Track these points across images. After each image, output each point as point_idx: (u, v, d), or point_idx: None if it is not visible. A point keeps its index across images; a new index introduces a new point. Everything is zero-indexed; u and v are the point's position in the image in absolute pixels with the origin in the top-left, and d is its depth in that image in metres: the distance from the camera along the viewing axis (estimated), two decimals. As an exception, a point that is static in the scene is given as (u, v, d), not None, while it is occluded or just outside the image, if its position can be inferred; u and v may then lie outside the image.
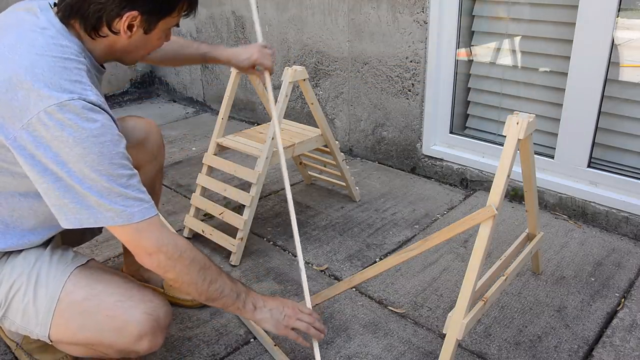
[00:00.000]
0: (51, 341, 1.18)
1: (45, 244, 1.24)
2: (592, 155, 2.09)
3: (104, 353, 1.20)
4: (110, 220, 1.04)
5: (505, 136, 1.19)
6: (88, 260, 1.24)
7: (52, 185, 1.01)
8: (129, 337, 1.15)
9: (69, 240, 1.37)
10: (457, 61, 2.37)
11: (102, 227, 1.54)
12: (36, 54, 1.02)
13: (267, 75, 1.71)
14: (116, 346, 1.17)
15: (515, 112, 1.22)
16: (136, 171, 1.09)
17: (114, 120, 1.09)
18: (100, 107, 1.04)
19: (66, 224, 1.04)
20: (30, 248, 1.21)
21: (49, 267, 1.19)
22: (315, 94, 2.83)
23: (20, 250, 1.20)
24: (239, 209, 2.06)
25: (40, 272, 1.18)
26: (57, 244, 1.28)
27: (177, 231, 2.08)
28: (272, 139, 1.85)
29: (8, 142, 1.01)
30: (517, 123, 1.18)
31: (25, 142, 1.00)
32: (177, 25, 1.21)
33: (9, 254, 1.19)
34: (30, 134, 0.99)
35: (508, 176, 1.18)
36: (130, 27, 1.11)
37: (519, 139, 1.18)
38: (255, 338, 1.54)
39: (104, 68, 1.23)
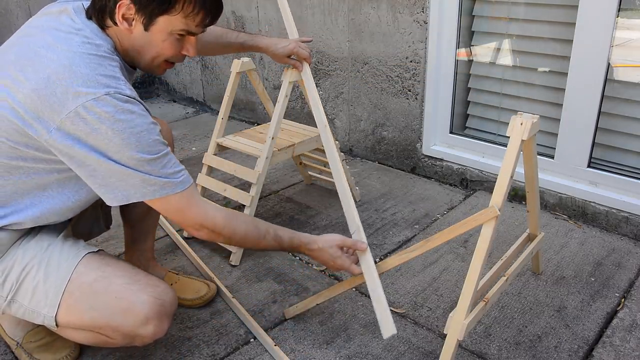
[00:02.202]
0: (57, 325, 1.19)
1: (57, 232, 1.27)
2: (592, 155, 2.09)
3: (110, 337, 1.22)
4: (156, 192, 1.11)
5: (507, 136, 1.19)
6: (99, 250, 1.29)
7: (95, 170, 1.08)
8: (135, 320, 1.18)
9: (77, 235, 1.38)
10: (457, 61, 2.37)
11: (109, 224, 1.56)
12: (73, 52, 1.07)
13: (305, 65, 1.78)
14: (122, 329, 1.19)
15: (519, 112, 1.22)
16: (169, 148, 1.15)
17: (147, 110, 1.13)
18: (135, 99, 1.10)
19: (114, 202, 1.11)
20: (43, 234, 1.24)
21: (61, 250, 1.23)
22: (315, 94, 2.83)
23: (34, 236, 1.23)
24: (239, 209, 2.06)
25: (52, 255, 1.21)
26: (68, 233, 1.31)
27: (177, 231, 2.08)
28: (272, 138, 1.85)
29: (46, 137, 1.06)
30: (521, 124, 1.18)
31: (63, 135, 1.04)
32: (191, 33, 1.19)
33: (22, 238, 1.22)
34: (68, 128, 1.04)
35: (511, 177, 1.18)
36: (127, 19, 1.13)
37: (522, 140, 1.18)
38: (255, 338, 1.54)
39: (133, 69, 1.26)
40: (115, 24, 1.14)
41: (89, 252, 1.24)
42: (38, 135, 1.06)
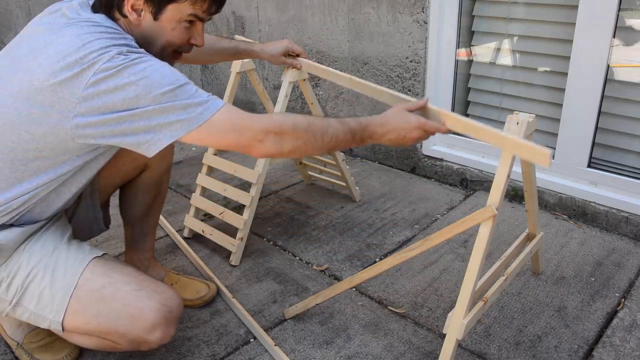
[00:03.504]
0: (63, 330, 1.20)
1: (61, 236, 1.27)
2: (592, 155, 2.09)
3: (116, 343, 1.22)
4: (203, 115, 1.08)
5: (505, 136, 1.19)
6: (103, 254, 1.28)
7: (132, 123, 1.06)
8: (142, 326, 1.18)
9: (77, 235, 1.38)
10: (457, 61, 2.37)
11: (108, 223, 1.55)
12: (85, 33, 1.08)
13: (303, 59, 1.78)
14: (129, 335, 1.19)
15: (515, 112, 1.22)
16: None
17: None
18: (147, 54, 1.10)
19: (164, 143, 1.08)
20: (48, 237, 1.24)
21: (67, 255, 1.22)
22: (315, 94, 2.83)
23: (38, 240, 1.23)
24: (239, 209, 2.06)
25: (59, 260, 1.21)
26: (72, 236, 1.32)
27: (177, 231, 2.09)
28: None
29: (70, 116, 1.06)
30: (517, 123, 1.18)
31: (89, 107, 1.04)
32: (201, 19, 1.22)
33: (26, 242, 1.22)
34: (92, 95, 1.04)
35: (508, 176, 1.18)
36: (136, 9, 1.16)
37: (519, 139, 1.18)
38: (255, 338, 1.54)
39: None
40: (123, 15, 1.16)
41: (94, 257, 1.24)
42: (61, 118, 1.06)
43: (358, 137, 1.22)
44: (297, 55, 1.79)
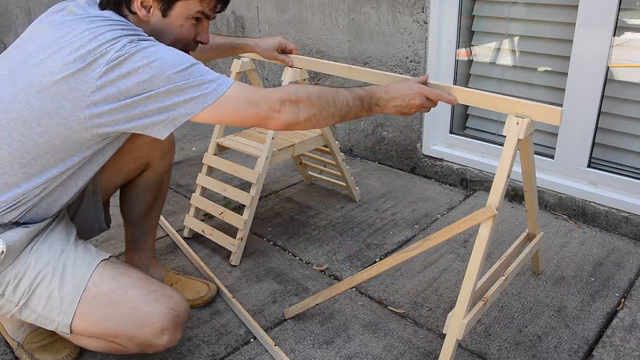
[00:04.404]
0: (71, 332, 1.20)
1: (68, 237, 1.27)
2: (592, 155, 2.09)
3: (123, 346, 1.22)
4: (217, 91, 1.09)
5: (505, 136, 1.19)
6: (110, 256, 1.29)
7: (147, 106, 1.07)
8: (151, 330, 1.19)
9: (78, 234, 1.38)
10: (457, 61, 2.37)
11: (109, 223, 1.55)
12: (96, 26, 1.09)
13: (296, 55, 1.79)
14: (137, 339, 1.19)
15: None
16: None
17: None
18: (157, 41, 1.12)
19: (180, 120, 1.09)
20: (55, 238, 1.24)
21: (75, 257, 1.23)
22: (315, 94, 2.83)
23: (44, 241, 1.23)
24: (239, 209, 2.06)
25: (67, 263, 1.21)
26: (77, 237, 1.32)
27: (177, 231, 2.09)
28: (272, 138, 1.85)
29: (85, 104, 1.06)
30: (517, 123, 1.18)
31: (103, 96, 1.05)
32: (208, 17, 1.24)
33: (33, 242, 1.22)
34: (105, 84, 1.05)
35: (508, 176, 1.18)
36: (145, 6, 1.17)
37: (519, 139, 1.18)
38: (255, 338, 1.54)
39: None
40: (132, 12, 1.18)
41: (102, 260, 1.25)
42: (74, 108, 1.06)
43: (366, 104, 1.26)
44: (290, 52, 1.79)
